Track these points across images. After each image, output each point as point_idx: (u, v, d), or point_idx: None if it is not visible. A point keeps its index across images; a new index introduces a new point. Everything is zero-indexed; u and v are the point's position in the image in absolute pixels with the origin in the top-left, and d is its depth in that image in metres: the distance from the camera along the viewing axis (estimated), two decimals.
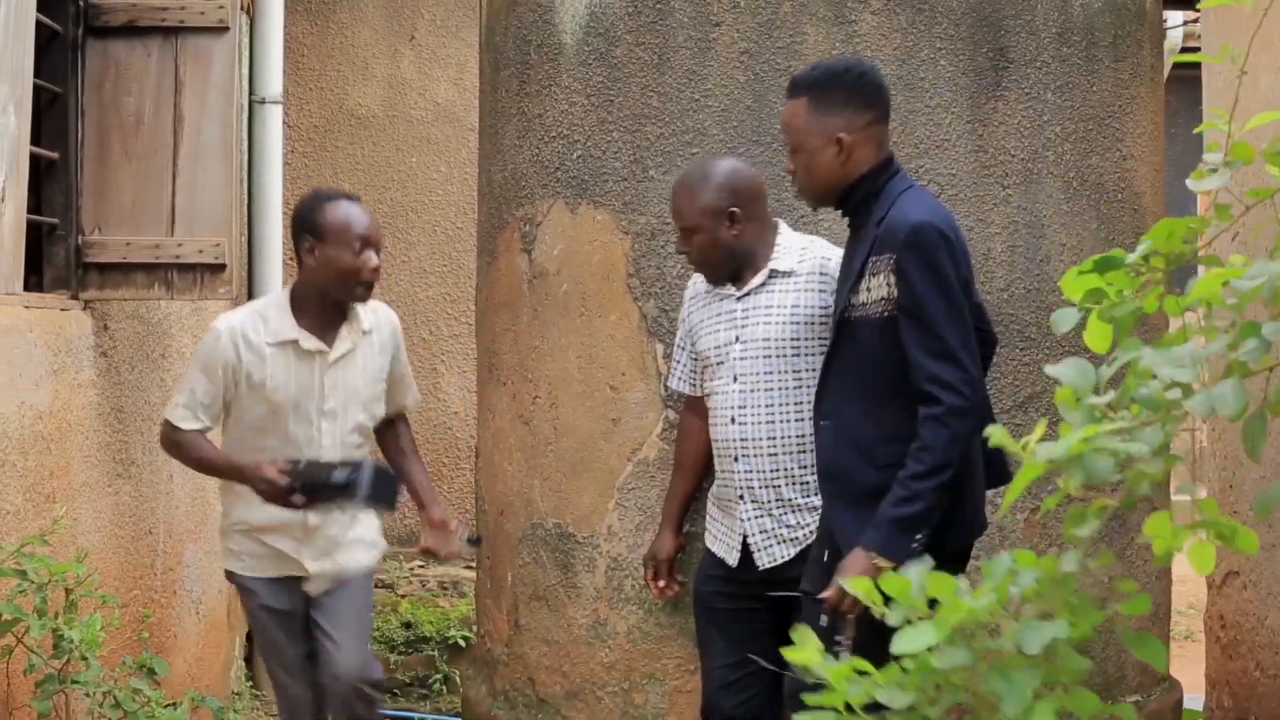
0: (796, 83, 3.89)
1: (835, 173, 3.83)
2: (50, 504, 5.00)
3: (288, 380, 4.57)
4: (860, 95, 3.83)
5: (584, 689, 4.67)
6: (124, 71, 5.59)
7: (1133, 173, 4.82)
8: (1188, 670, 6.10)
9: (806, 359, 4.15)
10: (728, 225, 4.18)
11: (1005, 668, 2.04)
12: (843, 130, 3.80)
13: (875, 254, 3.73)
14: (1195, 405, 1.97)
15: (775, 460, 4.15)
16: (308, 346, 4.58)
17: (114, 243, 5.55)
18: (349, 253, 4.52)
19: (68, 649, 4.65)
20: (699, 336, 4.30)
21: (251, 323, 4.60)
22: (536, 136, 4.81)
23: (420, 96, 8.55)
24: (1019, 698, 2.01)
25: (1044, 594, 2.09)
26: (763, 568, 4.20)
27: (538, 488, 4.78)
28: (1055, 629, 2.04)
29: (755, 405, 4.17)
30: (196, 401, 4.59)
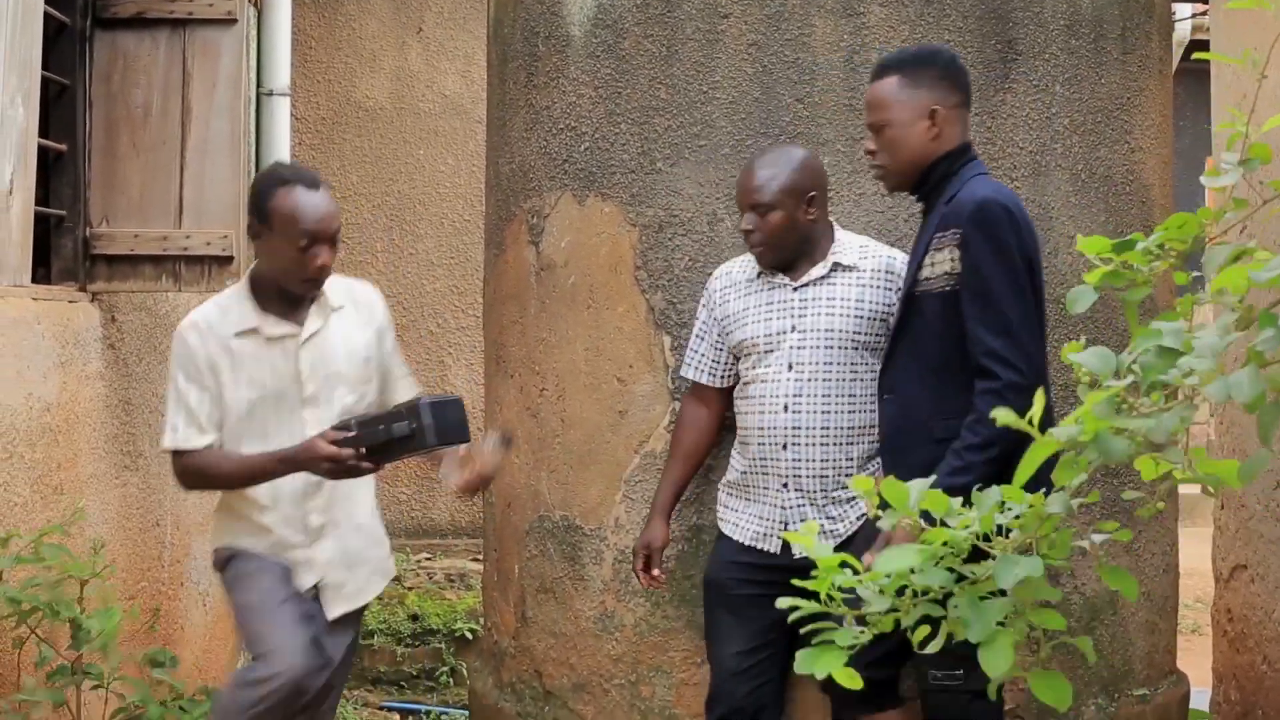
0: (886, 63, 3.98)
1: (924, 148, 3.91)
2: (58, 496, 5.00)
3: (259, 370, 4.19)
4: (952, 76, 3.94)
5: (591, 681, 4.67)
6: (132, 64, 5.60)
7: (1141, 165, 4.82)
8: (1195, 664, 6.10)
9: (865, 353, 4.20)
10: (805, 208, 4.21)
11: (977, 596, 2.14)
12: (936, 104, 3.90)
13: (941, 230, 3.80)
14: (1213, 391, 2.01)
15: (826, 450, 4.19)
16: (273, 333, 4.20)
17: (122, 235, 5.55)
18: (293, 248, 4.10)
19: (85, 639, 4.64)
20: (740, 324, 4.29)
21: (213, 315, 4.22)
22: (544, 129, 4.81)
23: (428, 89, 8.55)
24: (984, 625, 2.11)
25: (1027, 528, 2.16)
26: (797, 555, 4.21)
27: (545, 480, 4.78)
28: (1030, 565, 2.11)
29: (811, 394, 4.19)
30: (193, 416, 4.17)
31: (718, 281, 4.40)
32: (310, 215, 4.10)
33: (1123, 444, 2.08)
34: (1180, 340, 2.09)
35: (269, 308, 4.22)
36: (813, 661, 2.17)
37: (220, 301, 4.28)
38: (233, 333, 4.19)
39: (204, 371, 4.17)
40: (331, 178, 8.38)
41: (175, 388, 4.20)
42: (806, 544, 2.24)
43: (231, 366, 4.18)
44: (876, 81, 3.97)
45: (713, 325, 4.38)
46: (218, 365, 4.18)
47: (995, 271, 3.68)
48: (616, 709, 4.65)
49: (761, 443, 4.25)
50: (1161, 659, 4.94)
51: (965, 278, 3.72)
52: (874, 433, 4.20)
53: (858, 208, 4.53)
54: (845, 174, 4.53)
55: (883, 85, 3.94)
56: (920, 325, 3.87)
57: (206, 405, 4.17)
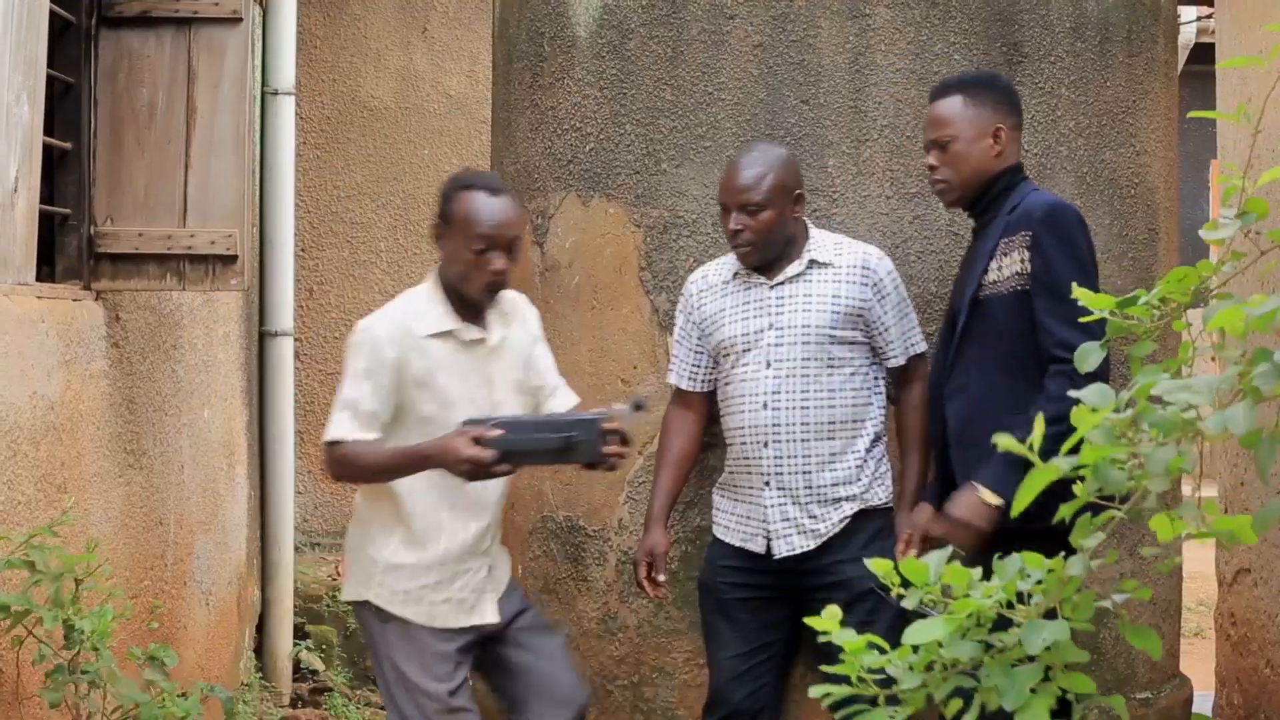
0: (948, 83, 4.19)
1: (987, 164, 4.11)
2: (61, 494, 5.00)
3: (452, 373, 4.11)
4: (1010, 99, 4.18)
5: (594, 682, 4.67)
6: (137, 62, 5.59)
7: (1146, 168, 4.81)
8: (1198, 667, 6.09)
9: (843, 347, 4.25)
10: (793, 206, 4.25)
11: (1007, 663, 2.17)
12: (999, 123, 4.11)
13: (1008, 235, 4.00)
14: (1209, 426, 2.07)
15: (807, 445, 4.21)
16: (467, 336, 4.14)
17: (126, 233, 5.55)
18: (469, 251, 4.06)
19: (78, 640, 4.65)
20: (717, 326, 4.31)
21: (404, 315, 4.14)
22: (549, 129, 4.81)
23: (433, 88, 8.55)
24: (1018, 693, 2.14)
25: (1049, 593, 2.20)
26: (778, 556, 4.21)
27: (548, 480, 4.78)
28: (1056, 630, 2.15)
29: (790, 390, 4.22)
30: (362, 412, 4.05)
31: (694, 285, 4.42)
32: (487, 219, 4.07)
33: (1120, 475, 2.14)
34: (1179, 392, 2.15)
35: (458, 311, 4.16)
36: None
37: (408, 303, 4.19)
38: (426, 334, 4.11)
39: (388, 369, 4.07)
40: (335, 177, 8.39)
41: (349, 385, 4.09)
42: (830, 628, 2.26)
43: (425, 364, 4.09)
44: (940, 100, 4.15)
45: (691, 329, 4.39)
46: (406, 365, 4.08)
47: (1067, 267, 3.87)
48: (619, 710, 4.65)
49: (744, 442, 4.27)
50: (1164, 663, 4.94)
51: (1037, 275, 3.91)
52: (854, 427, 4.25)
53: (862, 210, 4.53)
54: (850, 176, 4.53)
55: (948, 103, 4.13)
56: (988, 327, 4.02)
57: (378, 405, 4.07)
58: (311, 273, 8.29)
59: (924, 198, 4.53)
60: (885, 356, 4.30)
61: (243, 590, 7.09)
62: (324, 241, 8.37)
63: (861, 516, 4.24)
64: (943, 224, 4.54)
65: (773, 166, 4.23)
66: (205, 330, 6.58)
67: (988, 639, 2.19)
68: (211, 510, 6.63)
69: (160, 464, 6.02)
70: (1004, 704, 2.14)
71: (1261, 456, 2.08)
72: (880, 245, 4.45)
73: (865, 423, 4.27)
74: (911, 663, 2.18)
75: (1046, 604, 2.19)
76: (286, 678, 7.41)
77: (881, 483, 4.28)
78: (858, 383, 4.26)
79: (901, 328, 4.30)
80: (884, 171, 4.54)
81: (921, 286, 4.52)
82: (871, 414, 4.29)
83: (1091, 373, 3.61)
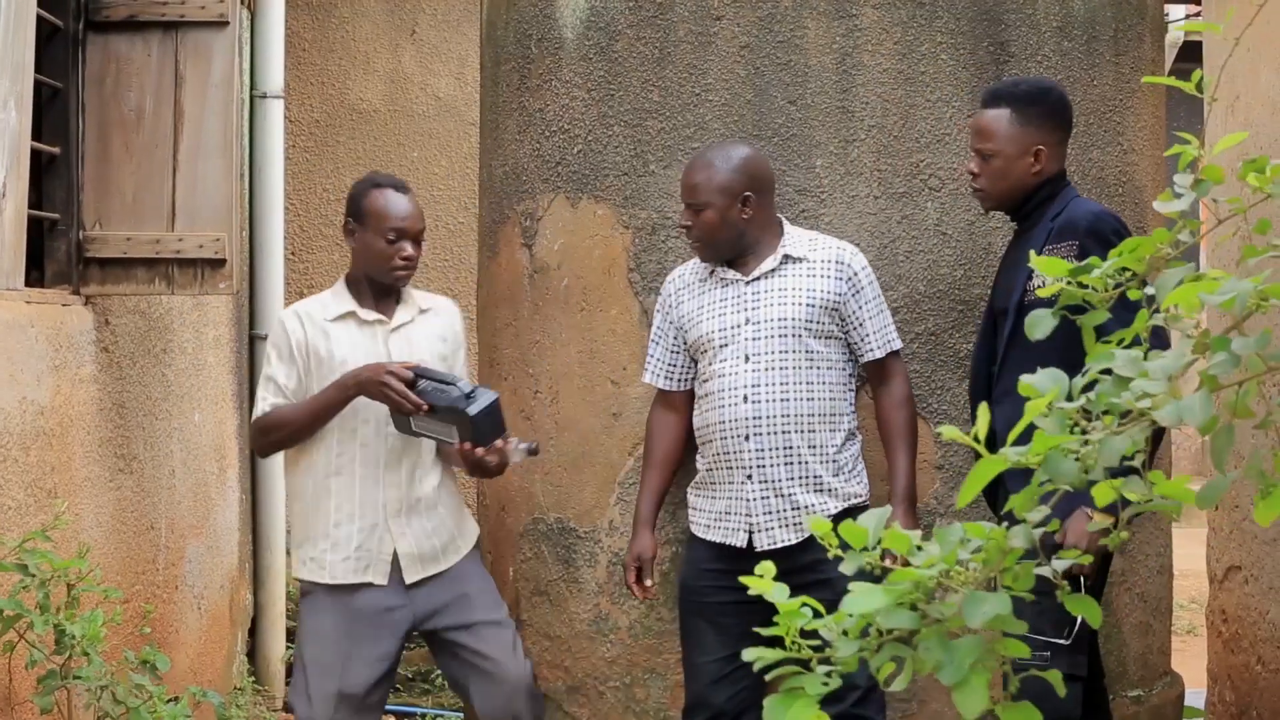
0: (1000, 94, 4.21)
1: (1026, 180, 4.17)
2: (52, 499, 5.00)
3: (354, 351, 4.45)
4: (1059, 115, 4.22)
5: (586, 684, 4.67)
6: (124, 66, 5.58)
7: (1134, 167, 4.82)
8: (1189, 665, 6.10)
9: (820, 340, 4.28)
10: (739, 208, 4.26)
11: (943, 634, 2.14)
12: (1041, 143, 4.17)
13: (1052, 243, 4.04)
14: (1164, 416, 2.06)
15: (788, 438, 4.23)
16: (366, 317, 4.49)
17: (115, 238, 5.54)
18: (383, 240, 4.46)
19: (69, 645, 4.65)
20: (694, 323, 4.33)
21: (312, 305, 4.57)
22: (537, 131, 4.81)
23: (421, 91, 8.55)
24: (958, 668, 2.11)
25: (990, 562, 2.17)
26: (760, 549, 4.22)
27: (539, 482, 4.78)
28: (998, 603, 2.11)
29: (770, 384, 4.24)
30: (281, 385, 4.46)
31: (671, 284, 4.44)
32: (397, 213, 4.48)
33: (1072, 465, 2.11)
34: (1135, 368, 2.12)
35: (363, 300, 4.54)
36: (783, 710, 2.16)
37: (317, 297, 4.65)
38: (331, 316, 4.50)
39: (294, 352, 4.47)
40: (325, 180, 8.39)
41: (266, 369, 4.52)
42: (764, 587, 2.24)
43: (327, 345, 4.46)
44: (989, 110, 4.20)
45: (668, 329, 4.41)
46: (308, 346, 4.46)
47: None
48: (611, 711, 4.65)
49: (724, 437, 4.28)
50: (1156, 660, 4.95)
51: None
52: (834, 421, 4.29)
53: (850, 210, 4.53)
54: (838, 176, 4.53)
55: (994, 116, 4.18)
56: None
57: (292, 381, 4.46)
58: (301, 276, 8.29)
59: (911, 197, 4.54)
60: (861, 351, 4.31)
61: (235, 594, 7.08)
62: (314, 244, 8.37)
63: (844, 515, 4.25)
64: (930, 224, 4.55)
65: (720, 168, 4.27)
66: (195, 334, 6.58)
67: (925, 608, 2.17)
68: (203, 514, 6.63)
69: (151, 468, 6.01)
70: (941, 678, 2.11)
71: (1218, 445, 2.08)
72: (868, 245, 4.46)
73: (842, 417, 4.30)
74: (847, 628, 2.16)
75: (986, 574, 2.16)
76: (279, 682, 7.41)
77: (860, 479, 4.31)
78: (834, 378, 4.28)
79: (877, 322, 4.31)
80: (871, 171, 4.54)
81: (909, 286, 4.53)
82: (848, 410, 4.32)
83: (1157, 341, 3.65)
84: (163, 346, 6.20)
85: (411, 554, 4.44)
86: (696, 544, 4.39)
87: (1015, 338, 4.08)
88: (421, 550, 4.45)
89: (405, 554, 4.43)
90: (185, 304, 6.42)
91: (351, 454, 4.44)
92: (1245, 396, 2.13)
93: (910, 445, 4.31)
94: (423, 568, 4.45)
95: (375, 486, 4.43)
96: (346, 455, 4.44)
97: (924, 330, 4.53)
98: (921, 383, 4.50)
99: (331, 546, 4.42)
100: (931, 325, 4.55)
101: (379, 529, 4.42)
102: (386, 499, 4.43)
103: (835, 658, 2.16)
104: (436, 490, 4.49)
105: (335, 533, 4.42)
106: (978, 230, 4.55)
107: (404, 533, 4.43)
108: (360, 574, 4.42)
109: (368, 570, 4.42)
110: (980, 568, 2.16)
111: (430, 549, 4.46)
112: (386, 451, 4.43)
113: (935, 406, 4.54)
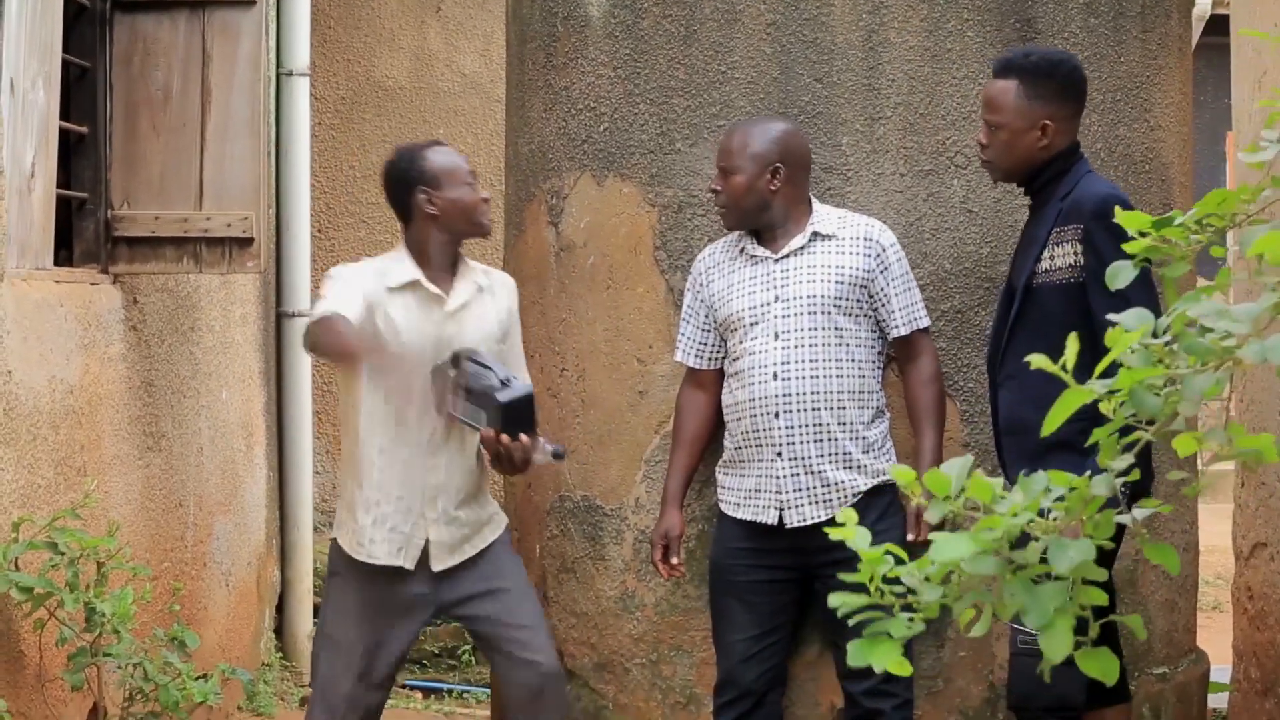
0: (1010, 65, 4.15)
1: (1033, 155, 4.12)
2: (81, 477, 5.03)
3: (409, 326, 4.30)
4: (1071, 89, 4.15)
5: (612, 661, 4.69)
6: (152, 46, 5.60)
7: (1161, 143, 4.81)
8: (1215, 641, 6.09)
9: (849, 318, 4.29)
10: (769, 178, 4.28)
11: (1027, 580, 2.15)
12: (1049, 118, 4.10)
13: (1060, 225, 4.02)
14: (1249, 353, 2.05)
15: (818, 415, 4.25)
16: (431, 289, 4.33)
17: (143, 217, 5.56)
18: (465, 189, 4.35)
19: (99, 622, 4.67)
20: (724, 301, 4.34)
21: (373, 270, 4.39)
22: (563, 109, 4.82)
23: (447, 68, 8.55)
24: (1042, 612, 2.13)
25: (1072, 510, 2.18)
26: (790, 526, 4.24)
27: (565, 460, 4.79)
28: (1083, 549, 2.13)
29: (799, 361, 4.26)
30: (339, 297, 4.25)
31: (702, 263, 4.45)
32: (463, 161, 4.42)
33: (1156, 400, 2.12)
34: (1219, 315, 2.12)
35: (427, 270, 4.38)
36: (867, 653, 2.17)
37: (372, 263, 4.47)
38: (393, 285, 4.34)
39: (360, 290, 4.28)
40: (351, 158, 8.39)
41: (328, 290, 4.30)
42: (848, 535, 2.24)
43: (385, 315, 4.30)
44: (998, 80, 4.15)
45: (699, 307, 4.42)
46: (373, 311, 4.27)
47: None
48: (638, 688, 4.67)
49: (754, 415, 4.29)
50: (1181, 637, 4.95)
51: (1091, 270, 3.91)
52: (864, 398, 4.30)
53: (876, 188, 4.53)
54: (864, 154, 4.53)
55: (1002, 87, 4.14)
56: (1041, 315, 4.03)
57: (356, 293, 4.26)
58: (328, 253, 8.30)
59: (938, 175, 4.54)
60: (889, 328, 4.32)
61: (262, 571, 7.11)
62: (340, 222, 8.38)
63: (873, 493, 4.27)
64: (957, 201, 4.54)
65: (757, 137, 4.30)
66: (222, 312, 6.60)
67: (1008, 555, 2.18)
68: (230, 491, 6.66)
69: (179, 446, 6.04)
70: (1027, 621, 2.13)
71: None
72: (894, 223, 4.46)
73: (872, 395, 4.32)
74: (929, 574, 2.16)
75: (1067, 522, 2.18)
76: (306, 658, 7.43)
77: (889, 457, 4.32)
78: (863, 355, 4.30)
79: (905, 299, 4.32)
80: (898, 149, 4.54)
81: (935, 264, 4.52)
82: (877, 388, 4.33)
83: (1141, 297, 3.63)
84: (190, 325, 6.22)
85: (441, 542, 4.37)
86: (726, 522, 4.40)
87: (1021, 319, 4.08)
88: (451, 539, 4.39)
89: (436, 542, 4.37)
90: (213, 282, 6.44)
91: (398, 434, 4.33)
92: None
93: (938, 423, 4.32)
94: (450, 556, 4.40)
95: (416, 470, 4.34)
96: (393, 434, 4.33)
97: (950, 308, 4.53)
98: (947, 360, 4.50)
99: (372, 523, 4.34)
100: (957, 303, 4.54)
101: (414, 513, 4.34)
102: (426, 484, 4.34)
103: (918, 604, 2.17)
104: (474, 480, 4.43)
105: (375, 511, 4.34)
106: (1004, 208, 4.54)
107: (437, 520, 4.36)
108: (393, 556, 4.34)
109: (400, 553, 4.34)
110: (1063, 516, 2.18)
111: (459, 539, 4.41)
112: (430, 436, 4.33)
113: (961, 384, 4.54)
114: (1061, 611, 2.13)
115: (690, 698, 4.60)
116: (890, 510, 4.29)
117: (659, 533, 4.43)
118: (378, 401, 4.32)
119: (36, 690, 4.78)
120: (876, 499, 4.28)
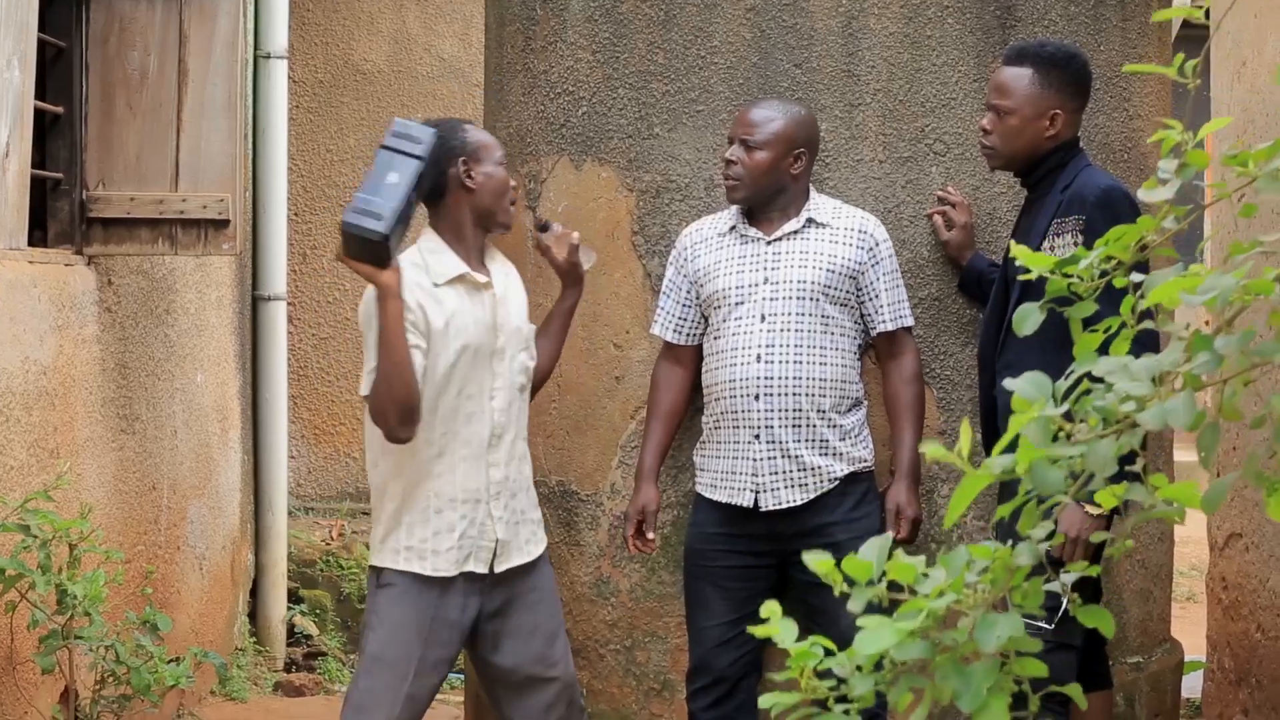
0: (1025, 53, 4.19)
1: (1038, 143, 4.16)
2: (54, 459, 5.01)
3: (464, 319, 4.07)
4: (1081, 82, 4.21)
5: (587, 647, 4.68)
6: (128, 26, 5.57)
7: (1139, 133, 4.81)
8: (1189, 632, 6.11)
9: (836, 306, 4.30)
10: (791, 160, 4.27)
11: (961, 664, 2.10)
12: (1059, 108, 4.15)
13: (1061, 216, 4.06)
14: (1148, 418, 2.05)
15: (797, 400, 4.24)
16: (479, 279, 4.12)
17: (118, 198, 5.54)
18: (499, 168, 4.14)
19: (71, 605, 4.65)
20: (711, 278, 4.33)
21: (414, 269, 4.09)
22: (541, 93, 4.80)
23: (426, 52, 8.52)
24: (975, 694, 2.08)
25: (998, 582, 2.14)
26: (766, 509, 4.23)
27: (540, 445, 4.78)
28: (1010, 624, 2.08)
29: (784, 345, 4.25)
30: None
31: (689, 238, 4.43)
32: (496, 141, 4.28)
33: (1058, 476, 2.07)
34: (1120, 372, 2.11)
35: (470, 260, 4.16)
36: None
37: (411, 258, 4.14)
38: (440, 281, 4.10)
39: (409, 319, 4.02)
40: (329, 141, 8.37)
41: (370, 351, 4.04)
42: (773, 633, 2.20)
43: (438, 313, 4.05)
44: (1010, 67, 4.18)
45: (682, 282, 4.41)
46: (421, 317, 4.04)
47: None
48: (612, 674, 4.66)
49: (733, 395, 4.28)
50: (1155, 627, 4.95)
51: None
52: (844, 387, 4.30)
53: (854, 174, 4.52)
54: (843, 140, 4.52)
55: (1015, 74, 4.17)
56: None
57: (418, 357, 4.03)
58: (305, 237, 8.28)
59: (916, 162, 4.53)
60: (874, 322, 4.32)
61: (236, 555, 7.09)
62: (317, 205, 8.35)
63: (850, 480, 4.27)
64: (935, 188, 4.53)
65: (785, 116, 4.29)
66: (198, 295, 6.57)
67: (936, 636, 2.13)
68: (204, 475, 6.63)
69: (153, 429, 6.02)
70: (960, 705, 2.08)
71: (1204, 443, 2.07)
72: (873, 210, 4.45)
73: (851, 385, 4.32)
74: (860, 664, 2.12)
75: (995, 594, 2.13)
76: (280, 642, 7.42)
77: (865, 445, 4.32)
78: (846, 345, 4.30)
79: (893, 295, 4.33)
80: (876, 135, 4.53)
81: (914, 251, 4.52)
82: (857, 378, 4.33)
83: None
84: (165, 307, 6.20)
85: (506, 541, 4.14)
86: (702, 506, 4.39)
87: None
88: (516, 536, 4.17)
89: (503, 540, 4.13)
90: (188, 264, 6.42)
91: (455, 431, 4.07)
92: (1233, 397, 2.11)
93: (917, 421, 4.33)
94: (513, 556, 4.17)
95: (478, 466, 4.10)
96: (450, 433, 4.07)
97: (927, 295, 4.53)
98: (925, 347, 4.50)
99: (434, 535, 4.05)
100: (935, 290, 4.54)
101: (481, 513, 4.10)
102: (490, 479, 4.12)
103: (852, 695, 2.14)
104: (528, 468, 4.28)
105: (437, 520, 4.06)
106: (982, 195, 4.54)
107: (503, 516, 4.13)
108: (460, 564, 4.07)
109: (469, 560, 4.08)
110: (989, 588, 2.13)
111: (523, 536, 4.21)
112: (490, 427, 4.11)
113: (938, 371, 4.53)
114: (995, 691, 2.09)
115: (664, 684, 4.60)
116: (867, 498, 4.30)
117: (635, 508, 4.40)
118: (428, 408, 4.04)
119: (7, 672, 4.76)
120: (853, 486, 4.28)
